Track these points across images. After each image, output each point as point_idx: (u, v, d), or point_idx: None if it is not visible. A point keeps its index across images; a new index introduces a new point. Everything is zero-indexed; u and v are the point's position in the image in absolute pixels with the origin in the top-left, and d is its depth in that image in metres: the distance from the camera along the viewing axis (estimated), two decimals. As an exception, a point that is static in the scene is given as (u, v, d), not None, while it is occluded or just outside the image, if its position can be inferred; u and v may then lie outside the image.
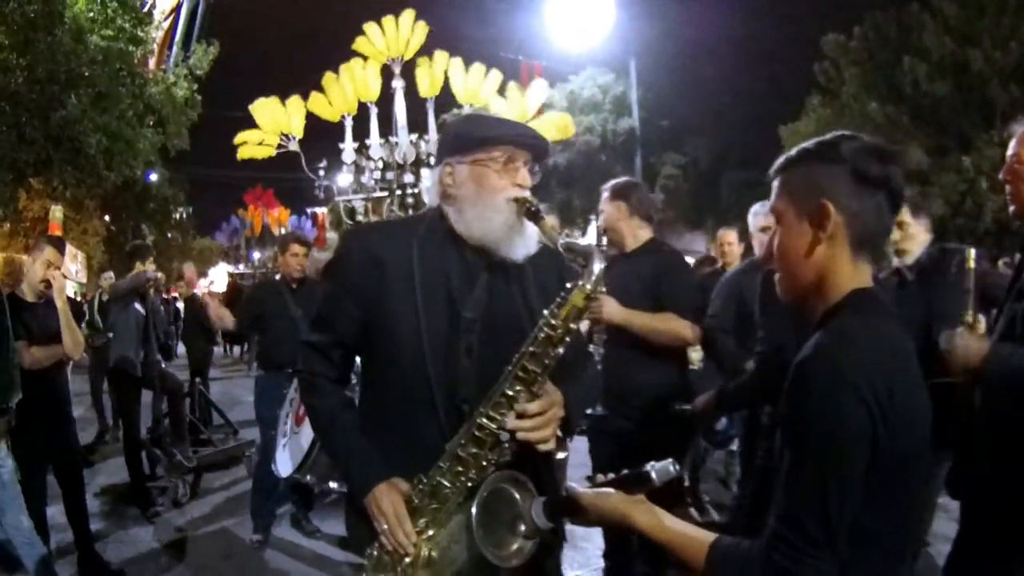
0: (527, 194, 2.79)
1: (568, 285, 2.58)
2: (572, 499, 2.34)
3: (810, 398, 1.91)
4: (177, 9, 28.31)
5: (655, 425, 5.08)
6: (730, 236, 8.82)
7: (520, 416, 2.59)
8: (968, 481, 3.64)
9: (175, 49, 26.65)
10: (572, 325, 2.58)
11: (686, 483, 8.73)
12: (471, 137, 2.84)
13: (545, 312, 2.59)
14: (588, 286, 2.55)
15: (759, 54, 35.61)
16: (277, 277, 8.18)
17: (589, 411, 5.11)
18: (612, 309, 5.00)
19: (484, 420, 2.59)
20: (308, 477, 6.16)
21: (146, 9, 23.53)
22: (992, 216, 23.09)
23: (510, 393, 2.58)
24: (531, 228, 2.79)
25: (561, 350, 2.58)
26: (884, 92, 25.42)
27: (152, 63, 24.48)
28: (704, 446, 8.29)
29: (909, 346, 2.05)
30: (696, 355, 8.09)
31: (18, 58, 18.04)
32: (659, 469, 2.24)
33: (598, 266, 2.57)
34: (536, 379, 2.59)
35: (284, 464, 6.51)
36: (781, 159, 2.23)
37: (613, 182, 5.53)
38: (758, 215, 5.81)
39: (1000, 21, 22.94)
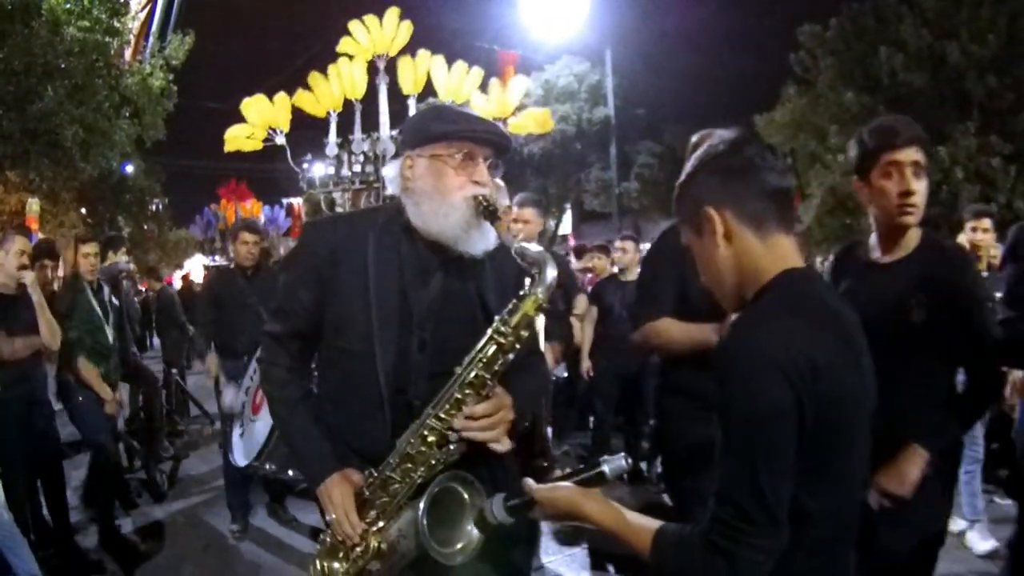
0: (485, 191, 2.79)
1: (521, 293, 2.61)
2: (529, 495, 2.36)
3: (733, 377, 1.93)
4: (153, -1, 28.17)
5: None
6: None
7: (468, 418, 2.63)
8: None
9: (151, 39, 26.48)
10: (523, 332, 2.61)
11: (657, 468, 8.81)
12: (431, 131, 2.83)
13: (496, 319, 2.63)
14: (541, 295, 2.59)
15: (735, 43, 35.86)
16: (232, 266, 8.16)
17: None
18: None
19: (433, 420, 2.64)
20: (267, 465, 6.14)
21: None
22: (967, 205, 23.20)
23: (459, 396, 2.63)
24: (489, 225, 2.80)
25: (512, 356, 2.63)
26: (860, 82, 25.43)
27: (128, 54, 24.31)
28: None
29: (839, 323, 2.07)
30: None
31: (-6, 51, 17.93)
32: (612, 464, 2.26)
33: (551, 274, 2.60)
34: (485, 383, 2.64)
35: (240, 453, 6.47)
36: (674, 203, 2.33)
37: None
38: None
39: (977, 13, 22.95)
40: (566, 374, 9.25)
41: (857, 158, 3.72)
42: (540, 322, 4.94)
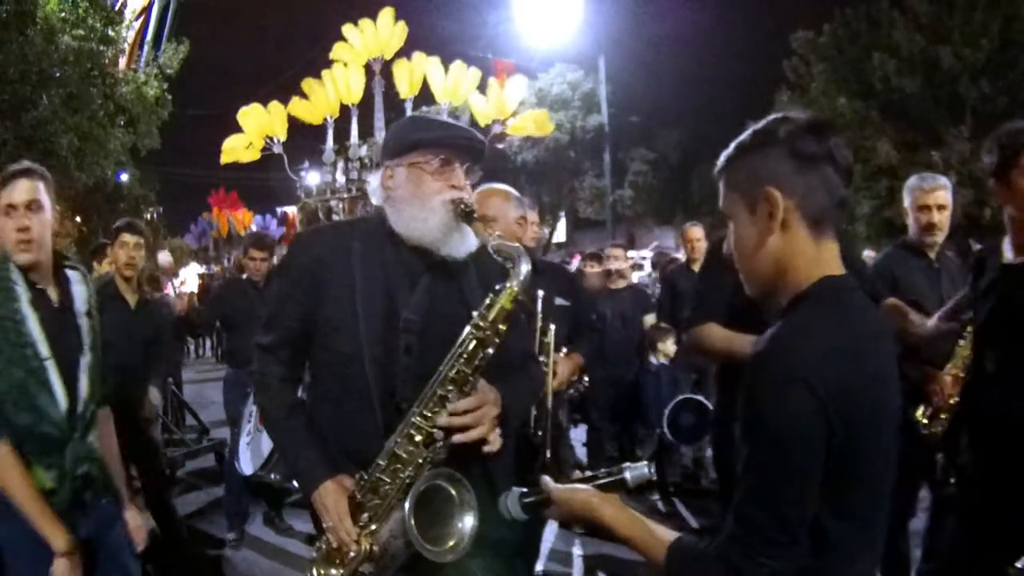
0: (463, 195, 2.86)
1: (497, 287, 2.66)
2: (546, 493, 2.33)
3: (761, 393, 1.86)
4: (148, 8, 28.17)
5: None
6: (696, 232, 8.82)
7: (452, 414, 2.66)
8: None
9: (146, 48, 26.49)
10: (501, 326, 2.66)
11: (653, 476, 8.80)
12: (407, 140, 2.92)
13: (474, 314, 2.67)
14: (516, 287, 2.64)
15: (728, 50, 35.96)
16: (244, 276, 8.18)
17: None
18: None
19: (418, 419, 2.67)
20: (272, 476, 6.16)
21: (117, 8, 23.39)
22: (962, 210, 23.21)
23: (442, 393, 2.66)
24: (468, 228, 2.85)
25: (491, 350, 2.67)
26: (854, 88, 25.51)
27: (123, 63, 24.35)
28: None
29: (875, 342, 1.98)
30: (672, 348, 8.16)
31: (-11, 59, 17.94)
32: (634, 471, 2.27)
33: (525, 268, 2.65)
34: (467, 379, 2.68)
35: (247, 462, 6.51)
36: (722, 158, 2.16)
37: None
38: (914, 190, 5.33)
39: (970, 18, 23.03)
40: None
41: (996, 161, 3.86)
42: (551, 332, 4.94)
